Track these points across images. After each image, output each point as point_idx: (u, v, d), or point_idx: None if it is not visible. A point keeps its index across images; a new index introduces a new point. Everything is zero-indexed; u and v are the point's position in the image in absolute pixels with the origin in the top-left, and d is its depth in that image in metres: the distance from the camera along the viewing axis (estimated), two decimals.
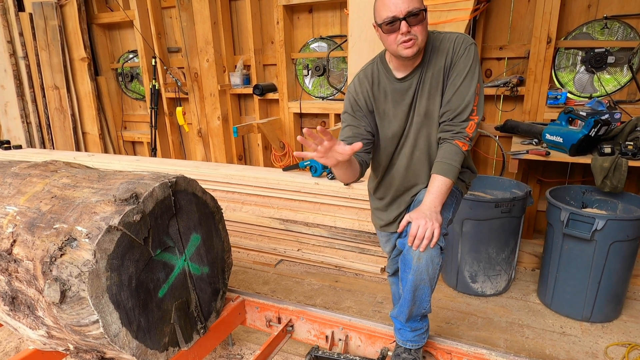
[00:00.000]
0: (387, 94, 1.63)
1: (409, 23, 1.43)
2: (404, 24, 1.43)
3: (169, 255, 1.60)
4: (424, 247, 1.45)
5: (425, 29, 1.47)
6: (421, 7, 1.44)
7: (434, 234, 1.45)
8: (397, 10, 1.42)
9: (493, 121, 3.45)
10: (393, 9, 1.43)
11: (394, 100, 1.62)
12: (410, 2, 1.42)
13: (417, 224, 1.46)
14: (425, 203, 1.52)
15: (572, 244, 2.34)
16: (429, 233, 1.44)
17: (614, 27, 3.02)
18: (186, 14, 4.11)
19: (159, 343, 1.56)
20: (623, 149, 2.46)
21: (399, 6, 1.42)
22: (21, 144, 4.91)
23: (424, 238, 1.44)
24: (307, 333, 1.98)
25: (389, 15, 1.44)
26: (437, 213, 1.49)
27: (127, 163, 3.88)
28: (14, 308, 1.59)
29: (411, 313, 1.59)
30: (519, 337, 2.34)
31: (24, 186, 1.70)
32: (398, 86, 1.61)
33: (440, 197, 1.52)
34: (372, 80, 1.65)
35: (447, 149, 1.55)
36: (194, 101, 4.40)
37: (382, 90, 1.64)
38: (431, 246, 1.46)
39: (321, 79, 4.11)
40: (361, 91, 1.66)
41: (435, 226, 1.45)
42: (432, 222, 1.45)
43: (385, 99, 1.63)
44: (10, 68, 4.86)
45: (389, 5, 1.44)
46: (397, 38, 1.46)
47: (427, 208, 1.50)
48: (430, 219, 1.45)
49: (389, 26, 1.45)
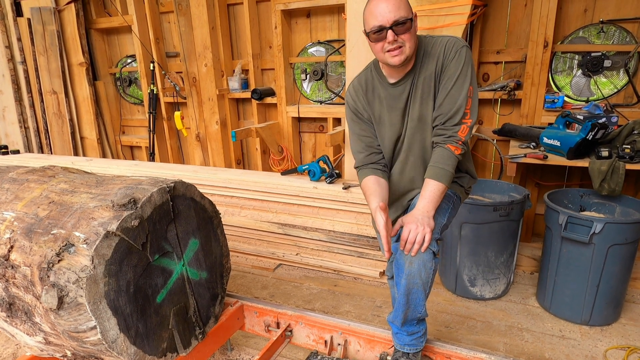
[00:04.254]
0: (382, 99, 1.64)
1: (395, 32, 1.45)
2: (391, 32, 1.45)
3: (167, 260, 1.60)
4: (415, 252, 1.46)
5: (413, 36, 1.48)
6: (408, 16, 1.45)
7: (425, 239, 1.45)
8: (384, 19, 1.44)
9: (491, 125, 3.46)
10: (380, 19, 1.45)
11: (388, 105, 1.64)
12: (397, 10, 1.43)
13: (408, 229, 1.47)
14: (418, 207, 1.52)
15: (571, 247, 2.34)
16: (419, 237, 1.45)
17: (610, 31, 3.03)
18: (184, 18, 4.12)
19: (157, 349, 1.55)
20: (620, 152, 2.47)
21: (386, 15, 1.44)
22: (19, 149, 4.90)
23: (415, 242, 1.45)
24: (306, 338, 1.98)
25: (376, 24, 1.46)
26: (430, 218, 1.49)
27: (125, 168, 3.87)
28: (11, 314, 1.59)
29: (406, 317, 1.59)
30: (518, 340, 2.34)
31: (22, 192, 1.70)
32: (392, 91, 1.62)
33: (433, 202, 1.52)
34: (365, 88, 1.67)
35: (439, 153, 1.55)
36: (192, 106, 4.40)
37: (377, 96, 1.65)
38: (422, 250, 1.46)
39: (319, 83, 4.12)
40: (357, 99, 1.69)
41: (426, 231, 1.45)
42: (424, 226, 1.45)
43: (381, 105, 1.65)
44: (9, 73, 4.86)
45: (375, 14, 1.46)
46: (384, 46, 1.47)
47: (420, 213, 1.50)
48: (422, 224, 1.46)
49: (376, 35, 1.47)
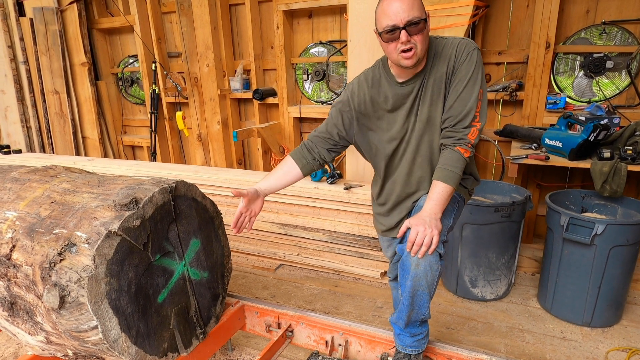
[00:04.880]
0: (388, 97, 1.63)
1: (409, 32, 1.43)
2: (404, 33, 1.42)
3: (168, 260, 1.60)
4: (422, 254, 1.45)
5: (425, 38, 1.47)
6: (422, 17, 1.43)
7: (432, 241, 1.44)
8: (398, 19, 1.42)
9: (492, 126, 3.45)
10: (393, 18, 1.43)
11: (394, 104, 1.62)
12: (410, 10, 1.41)
13: (416, 231, 1.45)
14: (426, 209, 1.51)
15: (572, 248, 2.34)
16: (427, 240, 1.44)
17: (612, 32, 3.03)
18: (186, 19, 4.12)
19: (158, 349, 1.55)
20: (622, 153, 2.46)
21: (399, 15, 1.42)
22: (21, 149, 4.92)
23: (423, 245, 1.44)
24: (307, 338, 1.98)
25: (389, 24, 1.43)
26: (437, 220, 1.48)
27: (127, 167, 3.88)
28: (12, 313, 1.59)
29: (410, 318, 1.59)
30: (520, 342, 2.34)
31: (24, 191, 1.70)
32: (399, 90, 1.61)
33: (441, 204, 1.51)
34: (371, 84, 1.65)
35: (448, 155, 1.54)
36: (193, 106, 4.41)
37: (383, 94, 1.64)
38: (430, 253, 1.45)
39: (321, 83, 4.12)
40: (358, 94, 1.67)
41: (434, 233, 1.44)
42: (432, 229, 1.44)
43: (386, 102, 1.64)
44: (11, 73, 4.88)
45: (389, 13, 1.43)
46: (397, 47, 1.46)
47: (427, 214, 1.49)
48: (430, 226, 1.45)
49: (389, 35, 1.45)
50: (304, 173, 1.80)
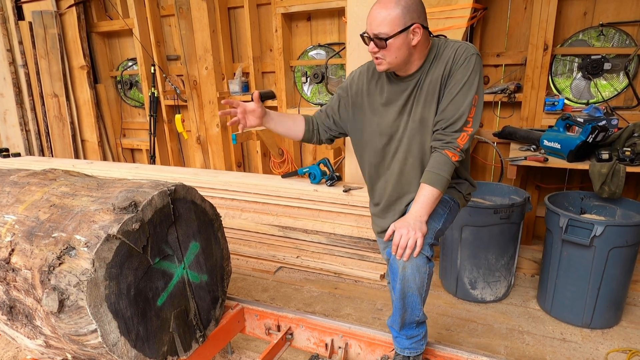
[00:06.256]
0: (384, 90, 1.65)
1: (375, 44, 1.47)
2: (372, 44, 1.48)
3: (168, 263, 1.60)
4: (407, 257, 1.46)
5: (395, 51, 1.47)
6: (390, 33, 1.44)
7: (417, 244, 1.45)
8: (369, 28, 1.47)
9: (491, 127, 3.46)
10: (368, 26, 1.48)
11: (388, 97, 1.64)
12: (380, 24, 1.44)
13: (399, 233, 1.46)
14: (411, 212, 1.52)
15: (571, 250, 2.34)
16: (411, 242, 1.44)
17: (610, 34, 3.04)
18: (185, 22, 4.13)
19: (157, 352, 1.55)
20: (621, 154, 2.47)
21: (371, 25, 1.47)
22: (20, 152, 4.91)
23: (407, 247, 1.45)
24: (307, 341, 1.97)
25: (365, 30, 1.49)
26: (422, 223, 1.49)
27: (126, 170, 3.88)
28: (11, 317, 1.59)
29: (404, 321, 1.59)
30: (519, 343, 2.33)
31: (23, 195, 1.70)
32: (395, 85, 1.62)
33: (427, 207, 1.51)
34: (371, 74, 1.69)
35: (436, 158, 1.54)
36: (192, 108, 4.41)
37: (380, 86, 1.66)
38: (414, 255, 1.46)
39: (319, 86, 4.13)
40: (357, 82, 1.72)
41: (417, 235, 1.45)
42: (415, 231, 1.45)
43: (381, 95, 1.65)
44: (10, 76, 4.88)
45: (368, 20, 1.48)
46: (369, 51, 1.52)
47: (412, 217, 1.49)
48: (414, 229, 1.45)
49: (364, 39, 1.52)
50: (304, 136, 1.83)
